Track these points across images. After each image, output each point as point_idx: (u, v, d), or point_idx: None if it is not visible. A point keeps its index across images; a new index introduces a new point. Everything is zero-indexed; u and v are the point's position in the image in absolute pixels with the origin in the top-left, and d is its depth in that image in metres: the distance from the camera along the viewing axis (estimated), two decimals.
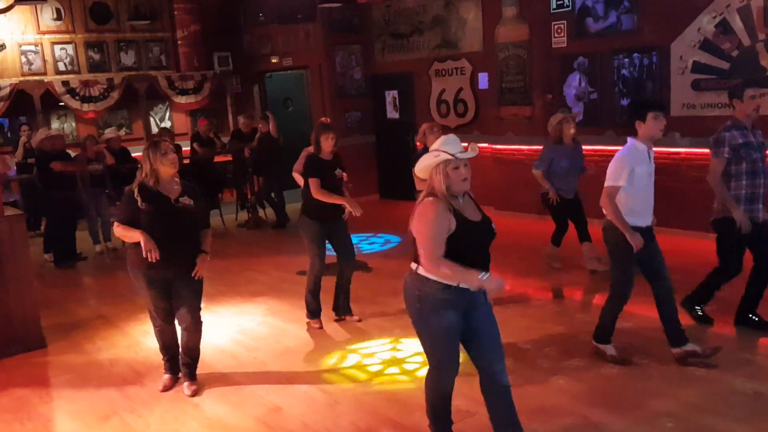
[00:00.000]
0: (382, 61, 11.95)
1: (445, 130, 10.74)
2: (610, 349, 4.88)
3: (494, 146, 10.12)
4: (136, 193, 4.57)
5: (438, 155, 3.45)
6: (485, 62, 10.13)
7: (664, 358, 4.78)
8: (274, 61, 12.75)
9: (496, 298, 3.76)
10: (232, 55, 13.40)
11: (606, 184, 4.67)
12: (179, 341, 4.95)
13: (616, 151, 4.75)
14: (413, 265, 3.56)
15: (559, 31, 9.07)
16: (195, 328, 4.82)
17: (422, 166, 3.56)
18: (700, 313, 5.46)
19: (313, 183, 5.73)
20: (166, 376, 5.00)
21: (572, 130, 6.92)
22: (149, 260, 4.48)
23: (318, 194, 5.71)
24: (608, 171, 4.69)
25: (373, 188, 12.23)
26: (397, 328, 5.73)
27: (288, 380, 4.97)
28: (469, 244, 3.46)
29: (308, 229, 5.87)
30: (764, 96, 7.22)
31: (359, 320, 6.09)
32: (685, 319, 5.06)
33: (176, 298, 4.76)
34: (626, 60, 8.43)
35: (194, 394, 4.81)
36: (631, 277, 4.76)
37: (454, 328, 3.52)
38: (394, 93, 11.87)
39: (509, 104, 9.82)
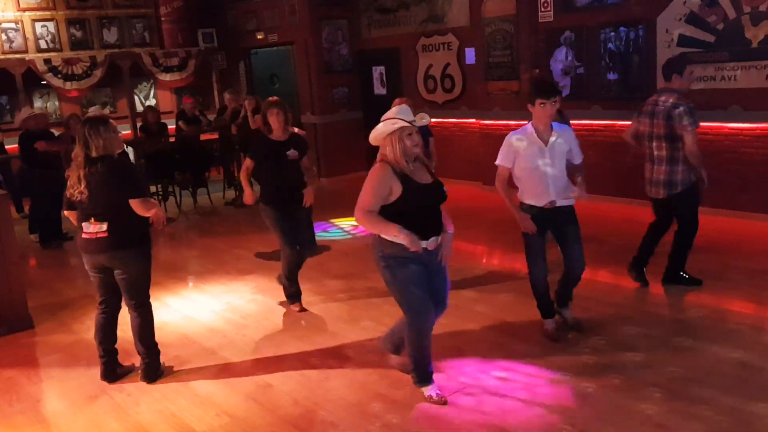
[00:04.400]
0: (368, 37, 11.85)
1: (433, 105, 10.79)
2: (548, 324, 4.94)
3: (482, 121, 10.09)
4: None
5: (396, 122, 3.75)
6: (472, 37, 10.05)
7: (652, 330, 4.83)
8: (259, 37, 12.61)
9: (485, 270, 3.78)
10: (217, 31, 13.25)
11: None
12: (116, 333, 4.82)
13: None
14: None
15: (545, 5, 9.01)
16: (144, 307, 4.72)
17: (377, 134, 3.85)
18: (687, 276, 5.58)
19: (246, 162, 5.77)
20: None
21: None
22: None
23: (242, 174, 5.84)
24: None
25: (360, 165, 12.17)
26: (386, 304, 5.75)
27: (278, 357, 4.98)
28: (416, 205, 3.78)
29: (266, 215, 5.70)
30: (750, 69, 7.29)
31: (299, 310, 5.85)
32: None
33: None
34: (612, 34, 8.39)
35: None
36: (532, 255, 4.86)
37: (417, 275, 3.87)
38: (381, 69, 11.78)
39: (496, 79, 9.78)
